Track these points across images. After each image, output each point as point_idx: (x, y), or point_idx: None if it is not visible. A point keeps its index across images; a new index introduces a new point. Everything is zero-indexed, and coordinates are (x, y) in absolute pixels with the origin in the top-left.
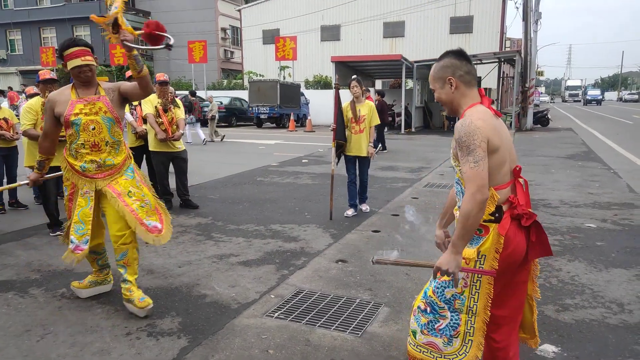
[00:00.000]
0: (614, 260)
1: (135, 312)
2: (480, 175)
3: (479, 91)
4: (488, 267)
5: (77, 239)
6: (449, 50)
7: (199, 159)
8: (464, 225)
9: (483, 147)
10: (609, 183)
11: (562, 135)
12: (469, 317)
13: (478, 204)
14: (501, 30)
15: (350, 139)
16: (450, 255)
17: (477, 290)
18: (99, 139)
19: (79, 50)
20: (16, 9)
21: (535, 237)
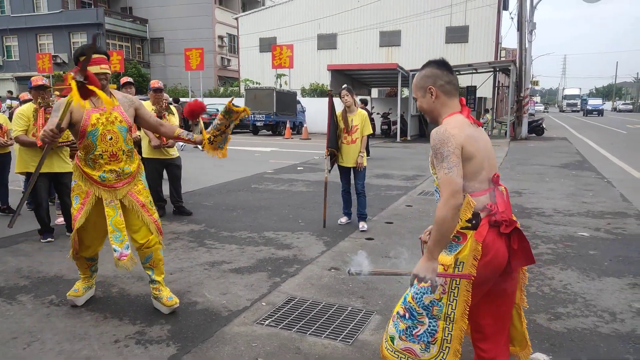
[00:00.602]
0: (607, 269)
1: (160, 309)
2: (454, 181)
3: (460, 101)
4: (468, 275)
5: (119, 247)
6: (431, 60)
7: (194, 166)
8: (439, 230)
9: (457, 154)
10: (603, 192)
11: (557, 145)
12: (446, 324)
13: (452, 209)
14: (496, 40)
15: (342, 150)
16: (426, 262)
17: (455, 297)
18: (117, 148)
19: (98, 58)
20: (13, 15)
21: (517, 244)
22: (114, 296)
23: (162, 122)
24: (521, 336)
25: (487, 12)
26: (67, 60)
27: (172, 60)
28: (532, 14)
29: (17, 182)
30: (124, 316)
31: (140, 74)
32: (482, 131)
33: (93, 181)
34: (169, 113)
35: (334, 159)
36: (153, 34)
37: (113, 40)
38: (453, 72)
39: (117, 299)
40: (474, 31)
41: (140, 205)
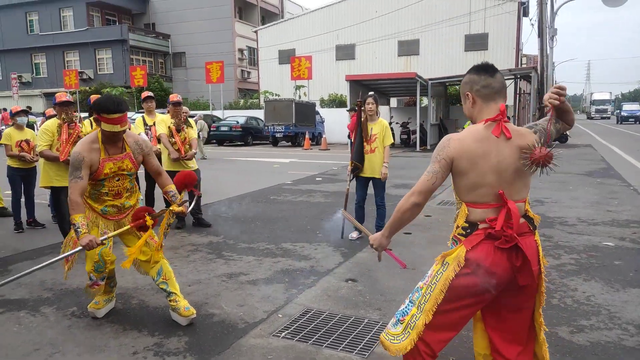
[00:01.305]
0: (632, 280)
1: (178, 321)
2: (424, 183)
3: (499, 107)
4: (445, 276)
5: (96, 277)
6: (475, 65)
7: (213, 178)
8: (395, 216)
9: (442, 164)
10: (629, 200)
11: (581, 152)
12: (417, 311)
13: (409, 204)
14: (517, 46)
15: None
16: (380, 236)
17: (430, 292)
18: (122, 188)
19: (118, 117)
20: (41, 34)
21: (520, 262)
22: (134, 308)
23: (163, 172)
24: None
25: (506, 18)
26: (92, 77)
27: (193, 74)
28: (553, 20)
29: (43, 195)
30: (143, 328)
31: (163, 88)
32: (513, 143)
33: (94, 212)
34: (187, 126)
35: (357, 172)
36: (175, 48)
37: (137, 56)
38: (495, 75)
39: (136, 311)
40: (494, 38)
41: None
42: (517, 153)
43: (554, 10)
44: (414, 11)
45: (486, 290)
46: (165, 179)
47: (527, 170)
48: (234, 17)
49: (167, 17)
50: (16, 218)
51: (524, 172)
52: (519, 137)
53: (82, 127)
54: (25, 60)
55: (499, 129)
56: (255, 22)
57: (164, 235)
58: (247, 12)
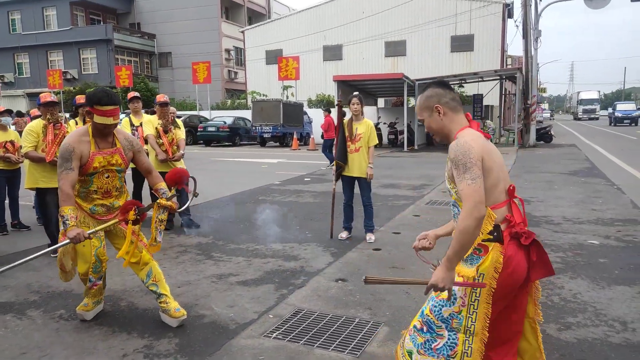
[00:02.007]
0: (617, 277)
1: (168, 322)
2: (478, 192)
3: (466, 115)
4: (489, 287)
5: (94, 277)
6: (430, 82)
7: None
8: (460, 241)
9: (479, 166)
10: (613, 199)
11: (566, 152)
12: (466, 336)
13: (476, 220)
14: (502, 47)
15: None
16: (444, 272)
17: (475, 310)
18: (111, 186)
19: (111, 109)
20: (24, 33)
21: (536, 256)
22: (123, 310)
23: (153, 170)
24: (534, 350)
25: (492, 20)
26: (77, 77)
27: (179, 74)
28: (537, 22)
29: (28, 197)
30: (132, 330)
31: (149, 88)
32: (492, 144)
33: (83, 211)
34: (175, 127)
35: (340, 171)
36: (161, 48)
37: (122, 56)
38: (453, 90)
39: (125, 313)
40: (479, 39)
41: (131, 232)
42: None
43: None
44: (400, 12)
45: (512, 290)
46: (155, 177)
47: None
48: (220, 17)
49: (153, 17)
50: (0, 220)
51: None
52: None
53: (68, 127)
54: (7, 60)
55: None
56: (242, 22)
57: (157, 231)
58: (233, 12)
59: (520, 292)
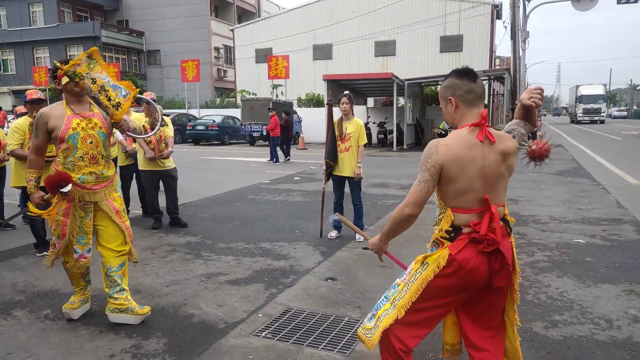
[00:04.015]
0: (603, 275)
1: (129, 322)
2: (416, 194)
3: (482, 112)
4: (424, 276)
5: (80, 249)
6: (455, 68)
7: (190, 177)
8: (390, 227)
9: (432, 172)
10: (599, 199)
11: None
12: (390, 307)
13: (404, 216)
14: (490, 48)
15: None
16: (377, 241)
17: (407, 289)
18: (97, 152)
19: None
20: (9, 30)
21: (498, 265)
22: None
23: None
24: (514, 350)
25: (480, 21)
26: None
27: (168, 72)
28: (525, 23)
29: (13, 195)
30: (120, 330)
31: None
32: (496, 148)
33: (72, 184)
34: (163, 124)
35: (330, 170)
36: (149, 46)
37: (109, 53)
38: (477, 80)
39: None
40: (468, 40)
41: (115, 212)
42: (501, 158)
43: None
44: (390, 12)
45: (463, 291)
46: (128, 120)
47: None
48: (209, 15)
49: (141, 14)
50: None
51: (505, 177)
52: (501, 142)
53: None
54: None
55: (483, 134)
56: (232, 20)
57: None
58: (223, 10)
59: (491, 294)
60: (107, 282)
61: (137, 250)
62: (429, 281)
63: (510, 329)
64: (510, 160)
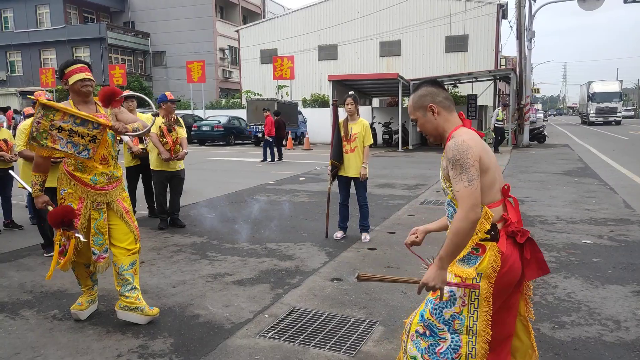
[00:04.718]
0: (611, 276)
1: (137, 321)
2: (474, 195)
3: (459, 114)
4: (485, 285)
5: (98, 250)
6: (423, 80)
7: (196, 178)
8: (454, 242)
9: (476, 166)
10: (606, 199)
11: (559, 152)
12: (469, 337)
13: (471, 222)
14: (496, 48)
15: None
16: (437, 271)
17: (475, 309)
18: (107, 152)
19: (81, 66)
20: (17, 31)
21: (530, 254)
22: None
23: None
24: (527, 347)
25: (486, 21)
26: None
27: (174, 73)
28: (531, 23)
29: (20, 196)
30: (127, 330)
31: (142, 87)
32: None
33: (83, 184)
34: (178, 126)
35: (336, 171)
36: (155, 47)
37: (115, 54)
38: (445, 89)
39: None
40: (474, 40)
41: (125, 212)
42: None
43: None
44: (395, 12)
45: (509, 288)
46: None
47: None
48: (215, 16)
49: (147, 16)
50: None
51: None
52: None
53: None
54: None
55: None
56: (237, 21)
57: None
58: (228, 11)
59: (514, 292)
60: (119, 281)
61: (144, 250)
62: (493, 288)
63: (521, 325)
64: None
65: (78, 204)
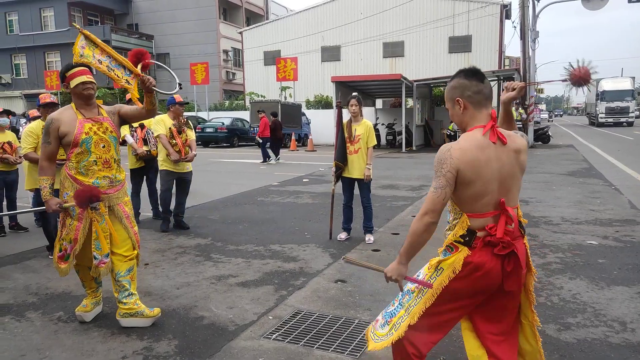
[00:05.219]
0: (616, 277)
1: (140, 325)
2: (434, 202)
3: (491, 113)
4: (439, 281)
5: (99, 254)
6: (462, 68)
7: (200, 179)
8: (409, 240)
9: (447, 177)
10: (611, 199)
11: (563, 152)
12: (404, 314)
13: (424, 225)
14: (499, 49)
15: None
16: (396, 265)
17: (421, 296)
18: (109, 156)
19: (82, 69)
20: (21, 34)
21: (511, 267)
22: None
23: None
24: (535, 352)
25: (489, 21)
26: None
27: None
28: (535, 23)
29: (25, 198)
30: (132, 332)
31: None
32: (508, 149)
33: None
34: (188, 128)
35: (340, 172)
36: (159, 49)
37: None
38: (485, 81)
39: None
40: (477, 40)
41: (126, 217)
42: (514, 158)
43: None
44: (398, 13)
45: (477, 294)
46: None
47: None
48: (218, 18)
49: (151, 18)
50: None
51: (519, 177)
52: (512, 140)
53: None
54: (4, 61)
55: (495, 135)
56: (240, 23)
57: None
58: (231, 13)
59: (506, 296)
60: (116, 287)
61: (148, 252)
62: (445, 286)
63: (529, 330)
64: (522, 158)
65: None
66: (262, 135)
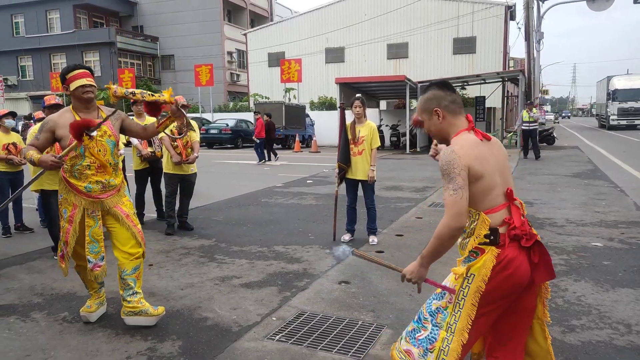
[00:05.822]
0: (621, 279)
1: (144, 323)
2: (459, 203)
3: (466, 117)
4: (474, 288)
5: (93, 258)
6: (432, 81)
7: (204, 181)
8: (435, 245)
9: (463, 176)
10: (616, 201)
11: (568, 154)
12: (447, 334)
13: (451, 230)
14: (504, 50)
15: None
16: (416, 267)
17: (459, 309)
18: (104, 160)
19: (82, 72)
20: (27, 36)
21: (538, 257)
22: None
23: (145, 125)
24: (545, 352)
25: (494, 22)
26: None
27: (182, 77)
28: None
29: (31, 199)
30: (136, 332)
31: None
32: (495, 145)
33: (77, 192)
34: (191, 129)
35: (343, 173)
36: (164, 51)
37: (125, 59)
38: (455, 91)
39: None
40: (482, 42)
41: (125, 216)
42: (502, 152)
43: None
44: (402, 14)
45: (511, 294)
46: (150, 126)
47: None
48: (222, 20)
49: (156, 20)
50: (4, 222)
51: (511, 170)
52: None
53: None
54: (10, 63)
55: (480, 134)
56: (245, 25)
57: (177, 132)
58: (236, 15)
59: (527, 293)
60: (121, 285)
61: (152, 253)
62: (482, 290)
63: (539, 329)
64: (505, 152)
65: (71, 210)
66: (259, 136)
